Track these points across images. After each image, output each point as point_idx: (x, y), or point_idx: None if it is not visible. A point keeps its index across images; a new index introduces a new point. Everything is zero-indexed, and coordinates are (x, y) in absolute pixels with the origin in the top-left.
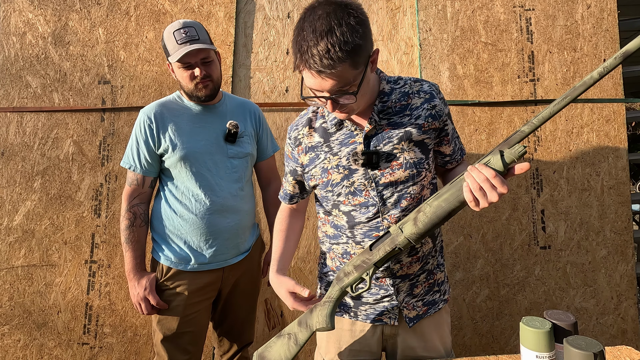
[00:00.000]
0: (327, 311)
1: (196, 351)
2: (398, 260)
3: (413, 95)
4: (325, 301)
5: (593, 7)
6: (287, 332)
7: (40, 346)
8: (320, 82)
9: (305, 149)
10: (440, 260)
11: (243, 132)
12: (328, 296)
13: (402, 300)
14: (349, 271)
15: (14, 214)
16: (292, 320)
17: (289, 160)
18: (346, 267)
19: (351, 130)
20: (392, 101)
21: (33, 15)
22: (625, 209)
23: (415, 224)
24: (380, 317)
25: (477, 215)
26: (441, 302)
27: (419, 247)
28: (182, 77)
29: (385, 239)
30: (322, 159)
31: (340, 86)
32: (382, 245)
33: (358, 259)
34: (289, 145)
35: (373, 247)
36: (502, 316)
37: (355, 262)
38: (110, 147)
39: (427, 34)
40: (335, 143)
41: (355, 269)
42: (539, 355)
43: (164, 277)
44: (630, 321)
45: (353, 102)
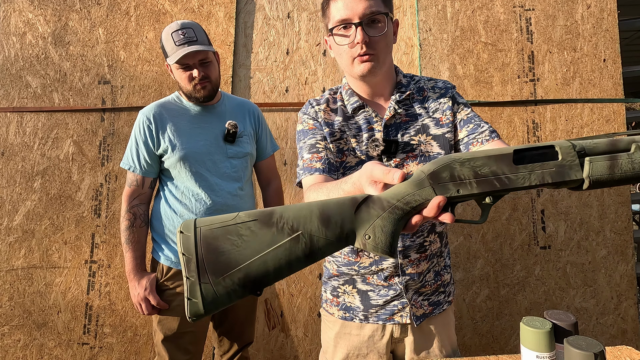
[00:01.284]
0: (389, 228)
1: (197, 351)
2: (406, 255)
3: (428, 90)
4: (394, 201)
5: (593, 7)
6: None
7: (40, 346)
8: (353, 5)
9: (324, 123)
10: (447, 262)
11: (242, 132)
12: (395, 195)
13: (411, 298)
14: (464, 176)
15: (14, 214)
16: (292, 321)
17: (309, 132)
18: (459, 168)
19: (371, 116)
20: (408, 93)
21: (33, 15)
22: (625, 209)
23: (612, 168)
24: (391, 316)
25: (477, 215)
26: (445, 303)
27: (427, 245)
28: (180, 78)
29: (548, 158)
30: (338, 137)
31: (371, 10)
32: (542, 169)
33: (484, 165)
34: (306, 119)
35: (522, 157)
36: (502, 316)
37: (477, 166)
38: (110, 147)
39: (427, 34)
40: (354, 127)
41: (476, 179)
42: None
43: (164, 277)
44: (630, 321)
45: (383, 32)
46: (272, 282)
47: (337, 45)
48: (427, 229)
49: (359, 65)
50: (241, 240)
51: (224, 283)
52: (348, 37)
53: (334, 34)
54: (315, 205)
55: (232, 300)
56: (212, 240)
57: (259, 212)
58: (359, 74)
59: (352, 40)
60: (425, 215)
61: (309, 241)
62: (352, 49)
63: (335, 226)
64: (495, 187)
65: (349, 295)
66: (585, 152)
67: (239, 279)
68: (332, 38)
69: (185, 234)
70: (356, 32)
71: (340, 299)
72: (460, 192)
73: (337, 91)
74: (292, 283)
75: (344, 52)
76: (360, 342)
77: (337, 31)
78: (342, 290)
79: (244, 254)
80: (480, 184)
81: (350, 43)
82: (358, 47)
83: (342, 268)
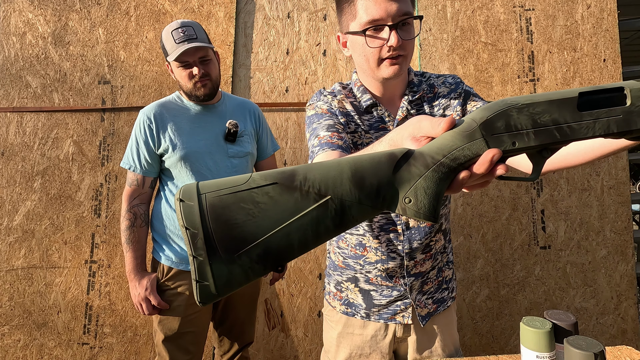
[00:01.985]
0: (433, 189)
1: (197, 351)
2: (412, 257)
3: (439, 86)
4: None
5: (593, 7)
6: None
7: (40, 346)
8: (386, 6)
9: (338, 111)
10: (450, 258)
11: (243, 132)
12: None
13: (415, 298)
14: (521, 125)
15: (14, 214)
16: (292, 321)
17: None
18: (516, 115)
19: (384, 115)
20: (421, 92)
21: (33, 15)
22: (625, 209)
23: None
24: (393, 316)
25: (477, 215)
26: (449, 299)
27: (432, 244)
28: (180, 77)
29: (615, 103)
30: (352, 130)
31: (404, 12)
32: (607, 116)
33: (545, 112)
34: (320, 105)
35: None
36: (502, 316)
37: (537, 113)
38: (110, 147)
39: (427, 34)
40: (367, 123)
41: (535, 129)
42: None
43: (164, 277)
44: (630, 321)
45: (413, 36)
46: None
47: (365, 46)
48: (435, 230)
49: (387, 69)
50: (258, 209)
51: (239, 261)
52: (379, 38)
53: (367, 36)
54: (346, 163)
55: (249, 279)
56: (222, 210)
57: (278, 172)
58: (384, 77)
59: (383, 42)
60: (474, 172)
61: (340, 207)
62: (381, 50)
63: (370, 188)
64: (555, 139)
65: (351, 292)
66: None
67: (258, 255)
68: (355, 37)
69: (186, 202)
70: (390, 35)
71: (343, 293)
72: (516, 144)
73: (348, 87)
74: (292, 283)
75: (370, 53)
76: (362, 342)
77: (368, 32)
78: (345, 287)
79: (263, 226)
80: (539, 135)
81: (381, 45)
82: (390, 50)
83: (348, 260)
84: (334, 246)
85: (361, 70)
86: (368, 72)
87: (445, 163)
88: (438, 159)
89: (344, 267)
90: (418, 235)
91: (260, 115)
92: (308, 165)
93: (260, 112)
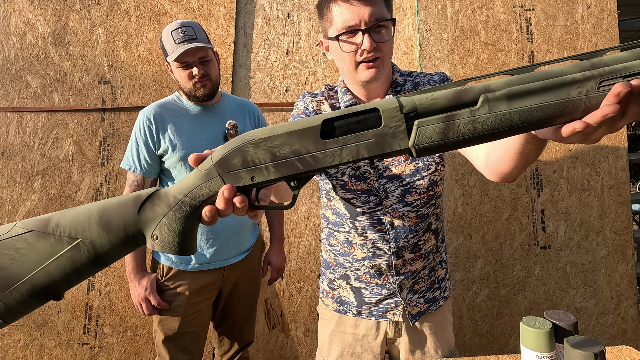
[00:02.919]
0: (177, 227)
1: (197, 351)
2: (400, 255)
3: (423, 85)
4: (180, 197)
5: (593, 7)
6: None
7: (40, 346)
8: (359, 11)
9: (314, 113)
10: (443, 257)
11: (242, 132)
12: (181, 190)
13: (405, 297)
14: (259, 160)
15: (14, 214)
16: (292, 321)
17: (296, 117)
18: (252, 150)
19: None
20: (404, 91)
21: (33, 15)
22: (625, 209)
23: (445, 132)
24: (384, 314)
25: (477, 215)
26: (441, 299)
27: (421, 244)
28: (180, 77)
29: (369, 125)
30: None
31: (377, 16)
32: (356, 142)
33: (285, 144)
34: (299, 106)
35: (333, 128)
36: (502, 316)
37: (275, 146)
38: (110, 147)
39: (427, 34)
40: None
41: (274, 162)
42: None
43: (164, 277)
44: (630, 321)
45: (390, 38)
46: (67, 288)
47: (341, 51)
48: (422, 229)
49: (364, 72)
50: (19, 254)
51: (12, 296)
52: (353, 43)
53: (340, 40)
54: (95, 208)
55: (29, 309)
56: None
57: (36, 221)
58: (363, 80)
59: (358, 47)
60: (219, 208)
61: (92, 248)
62: (356, 54)
63: (118, 230)
64: (298, 170)
65: (343, 290)
66: (417, 113)
67: (27, 290)
68: (333, 42)
69: None
70: (363, 39)
71: (335, 291)
72: (255, 179)
73: (334, 89)
74: (292, 283)
75: (347, 57)
76: (354, 340)
77: (342, 37)
78: (337, 284)
79: (25, 267)
80: (279, 168)
81: (356, 50)
82: (364, 53)
83: (338, 258)
84: (325, 244)
85: (343, 74)
86: (348, 76)
87: (186, 202)
88: (179, 199)
89: (335, 265)
90: (403, 234)
91: (260, 115)
92: (63, 212)
93: (260, 113)
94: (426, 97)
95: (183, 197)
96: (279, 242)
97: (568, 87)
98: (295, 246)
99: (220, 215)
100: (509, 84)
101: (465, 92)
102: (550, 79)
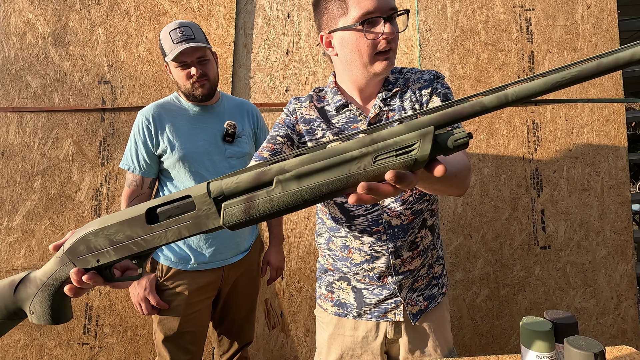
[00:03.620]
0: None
1: (197, 351)
2: (399, 255)
3: (413, 82)
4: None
5: (593, 7)
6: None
7: (40, 346)
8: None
9: (301, 119)
10: (440, 254)
11: (241, 132)
12: (45, 273)
13: (405, 296)
14: (100, 246)
15: (14, 214)
16: (292, 321)
17: (280, 125)
18: (93, 239)
19: (355, 114)
20: (395, 91)
21: (33, 15)
22: (625, 209)
23: (248, 211)
24: (385, 314)
25: (477, 215)
26: (440, 295)
27: (419, 241)
28: (178, 77)
29: (187, 209)
30: (320, 135)
31: (391, 6)
32: (177, 224)
33: (118, 232)
34: (284, 113)
35: (156, 215)
36: (502, 316)
37: (111, 234)
38: (110, 147)
39: (427, 34)
40: (335, 125)
41: (113, 247)
42: (539, 355)
43: (164, 277)
44: (630, 321)
45: (405, 27)
46: None
47: (359, 40)
48: (417, 225)
49: (380, 64)
50: None
51: None
52: (374, 32)
53: (365, 29)
54: None
55: None
56: None
57: None
58: (377, 72)
59: (378, 35)
60: (77, 287)
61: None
62: (373, 45)
63: (1, 309)
64: (133, 251)
65: (343, 292)
66: (224, 196)
67: None
68: (345, 33)
69: None
70: (384, 27)
71: (334, 294)
72: (100, 261)
73: (323, 90)
74: (292, 283)
75: (365, 47)
76: (354, 343)
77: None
78: (337, 286)
79: None
80: (118, 251)
81: (374, 39)
82: (382, 43)
83: (337, 263)
84: (324, 249)
85: (348, 69)
86: (359, 69)
87: (49, 283)
88: (44, 281)
89: (334, 270)
90: (402, 233)
91: (259, 115)
92: None
93: (259, 113)
94: (231, 181)
95: (47, 280)
96: (278, 242)
97: (349, 163)
98: (295, 246)
99: (81, 291)
100: (301, 164)
101: (264, 174)
102: (333, 158)
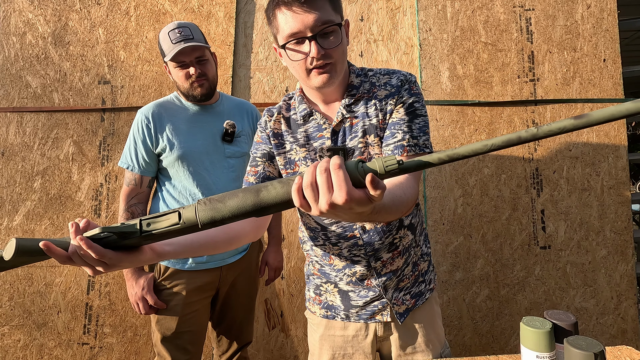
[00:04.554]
0: None
1: (196, 351)
2: (378, 257)
3: (379, 87)
4: None
5: (593, 7)
6: None
7: (40, 346)
8: (302, 18)
9: (272, 133)
10: (424, 250)
11: (240, 132)
12: None
13: (391, 297)
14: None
15: (14, 214)
16: (292, 321)
17: (255, 144)
18: None
19: (320, 123)
20: (358, 96)
21: (33, 15)
22: (625, 209)
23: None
24: (372, 316)
25: (477, 215)
26: (427, 292)
27: (397, 242)
28: (177, 77)
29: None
30: (288, 149)
31: (322, 21)
32: None
33: None
34: (259, 131)
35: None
36: (502, 316)
37: None
38: (110, 147)
39: (427, 34)
40: (303, 135)
41: None
42: (539, 355)
43: (161, 276)
44: (630, 321)
45: (339, 43)
46: None
47: (292, 58)
48: (395, 227)
49: (316, 78)
50: None
51: None
52: (300, 52)
53: (287, 49)
54: None
55: None
56: None
57: None
58: (316, 86)
59: (306, 55)
60: None
61: None
62: (306, 62)
63: None
64: None
65: (330, 294)
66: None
67: None
68: (283, 50)
69: None
70: (310, 46)
71: (322, 297)
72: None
73: (292, 97)
74: (292, 283)
75: (297, 65)
76: (344, 342)
77: (289, 46)
78: (324, 289)
79: None
80: None
81: (304, 57)
82: (313, 61)
83: (324, 268)
84: (310, 255)
85: (300, 82)
86: (303, 83)
87: None
88: None
89: (320, 275)
90: (377, 236)
91: (258, 115)
92: None
93: (258, 113)
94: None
95: None
96: (277, 242)
97: None
98: (295, 246)
99: None
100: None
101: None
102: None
